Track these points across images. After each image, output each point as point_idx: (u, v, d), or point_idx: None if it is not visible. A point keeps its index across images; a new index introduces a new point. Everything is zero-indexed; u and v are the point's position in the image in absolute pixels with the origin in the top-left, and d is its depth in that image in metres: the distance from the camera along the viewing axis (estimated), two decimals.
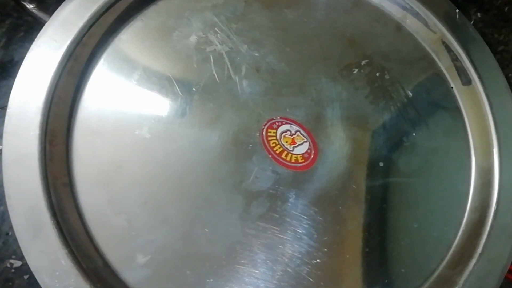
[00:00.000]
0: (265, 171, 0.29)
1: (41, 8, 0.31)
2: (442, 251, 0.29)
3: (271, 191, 0.28)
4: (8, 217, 0.25)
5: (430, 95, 0.33)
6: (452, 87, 0.34)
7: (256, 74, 0.31)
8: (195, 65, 0.30)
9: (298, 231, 0.28)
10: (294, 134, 0.30)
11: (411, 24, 0.35)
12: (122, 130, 0.28)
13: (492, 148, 0.31)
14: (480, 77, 0.33)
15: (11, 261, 0.30)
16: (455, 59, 0.34)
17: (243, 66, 0.31)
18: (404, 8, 0.35)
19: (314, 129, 0.30)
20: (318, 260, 0.27)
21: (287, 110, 0.30)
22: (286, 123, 0.30)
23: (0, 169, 0.26)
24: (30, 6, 0.31)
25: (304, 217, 0.28)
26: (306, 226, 0.28)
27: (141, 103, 0.29)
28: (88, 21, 0.29)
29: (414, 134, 0.31)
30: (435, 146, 0.31)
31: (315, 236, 0.28)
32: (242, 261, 0.27)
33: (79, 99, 0.28)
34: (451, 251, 0.29)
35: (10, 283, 0.30)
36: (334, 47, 0.33)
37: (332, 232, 0.28)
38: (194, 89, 0.30)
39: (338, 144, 0.30)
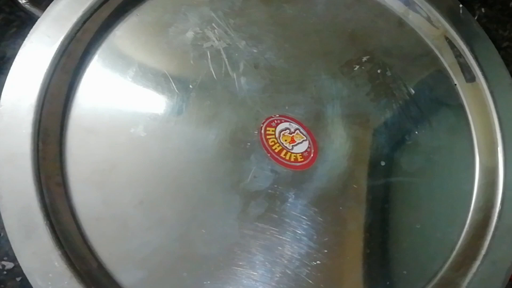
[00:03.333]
0: (264, 170, 0.28)
1: (34, 3, 0.31)
2: (445, 253, 0.29)
3: (269, 191, 0.28)
4: (0, 217, 0.24)
5: (433, 92, 0.32)
6: (455, 84, 0.33)
7: (254, 71, 0.30)
8: (191, 62, 0.30)
9: (298, 232, 0.27)
10: (294, 133, 0.29)
11: (413, 19, 0.34)
12: (116, 128, 0.28)
13: (497, 147, 0.31)
14: (484, 74, 0.32)
15: (3, 262, 0.30)
16: (458, 55, 0.33)
17: (241, 62, 0.30)
18: (406, 3, 0.34)
19: (314, 127, 0.30)
20: (318, 262, 0.27)
21: (286, 107, 0.30)
22: (285, 121, 0.29)
23: None
24: (22, 1, 0.31)
25: (304, 217, 0.28)
26: (306, 226, 0.27)
27: (136, 101, 0.28)
28: (82, 16, 0.28)
29: (416, 132, 0.31)
30: (438, 145, 0.31)
31: (315, 237, 0.27)
32: (240, 263, 0.26)
33: (73, 97, 0.28)
34: (454, 253, 0.29)
35: (2, 286, 0.29)
36: (334, 43, 0.32)
37: (332, 233, 0.28)
38: (190, 86, 0.29)
39: (339, 143, 0.30)
